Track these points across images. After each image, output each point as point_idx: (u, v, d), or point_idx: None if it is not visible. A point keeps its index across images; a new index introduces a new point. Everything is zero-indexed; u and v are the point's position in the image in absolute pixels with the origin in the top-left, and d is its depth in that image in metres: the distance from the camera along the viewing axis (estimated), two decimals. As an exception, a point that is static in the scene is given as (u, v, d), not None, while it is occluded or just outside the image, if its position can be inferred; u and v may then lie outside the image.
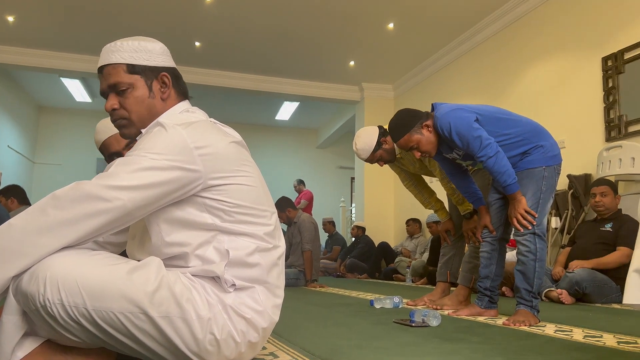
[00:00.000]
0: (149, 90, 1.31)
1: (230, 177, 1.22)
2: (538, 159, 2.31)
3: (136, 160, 1.13)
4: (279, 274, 1.31)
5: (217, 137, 1.24)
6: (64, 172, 9.63)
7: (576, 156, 4.34)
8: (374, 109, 7.97)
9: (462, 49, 6.21)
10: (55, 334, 1.08)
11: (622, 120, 3.95)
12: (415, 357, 1.46)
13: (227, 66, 7.21)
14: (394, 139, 2.47)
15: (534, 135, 2.37)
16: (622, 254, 3.20)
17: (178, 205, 1.19)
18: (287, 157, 11.28)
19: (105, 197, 1.08)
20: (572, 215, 4.14)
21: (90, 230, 1.09)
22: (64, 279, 1.04)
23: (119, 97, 1.30)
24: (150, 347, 1.11)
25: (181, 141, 1.17)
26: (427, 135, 2.39)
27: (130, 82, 1.29)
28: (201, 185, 1.18)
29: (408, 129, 2.40)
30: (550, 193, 2.31)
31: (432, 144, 2.40)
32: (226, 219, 1.20)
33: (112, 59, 1.29)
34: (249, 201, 1.24)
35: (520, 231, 2.24)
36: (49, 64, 6.75)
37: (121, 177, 1.11)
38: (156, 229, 1.20)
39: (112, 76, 1.28)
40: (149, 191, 1.12)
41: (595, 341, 1.74)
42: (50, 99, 9.53)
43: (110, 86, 1.29)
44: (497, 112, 2.42)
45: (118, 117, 1.31)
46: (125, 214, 1.11)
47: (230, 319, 1.18)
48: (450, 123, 2.27)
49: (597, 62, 4.24)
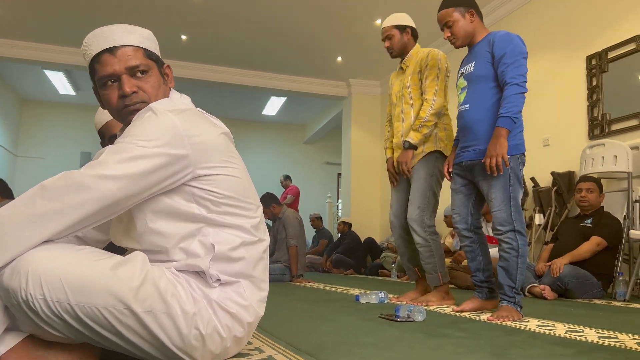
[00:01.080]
0: (161, 77, 1.32)
1: (219, 167, 1.21)
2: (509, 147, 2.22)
3: (127, 148, 1.11)
4: (264, 268, 1.31)
5: (208, 126, 1.23)
6: (47, 165, 9.50)
7: (560, 154, 4.40)
8: (361, 105, 7.99)
9: (448, 46, 6.23)
10: (37, 329, 1.07)
11: (606, 118, 4.00)
12: (400, 352, 1.47)
13: (214, 60, 7.16)
14: (442, 6, 2.43)
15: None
16: (592, 242, 3.26)
17: (166, 194, 1.18)
18: (273, 153, 11.26)
19: (95, 187, 1.06)
20: (556, 212, 4.19)
21: (78, 220, 1.06)
22: (46, 274, 1.02)
23: (134, 80, 1.25)
24: (134, 343, 1.10)
25: (172, 127, 1.15)
26: (467, 21, 2.38)
27: (148, 66, 1.28)
28: (190, 174, 1.17)
29: (456, 3, 2.38)
30: (519, 185, 2.25)
31: (465, 33, 2.40)
32: (213, 209, 1.20)
33: (131, 40, 1.26)
34: (236, 192, 1.23)
35: (487, 172, 2.19)
36: (32, 55, 6.64)
37: (111, 166, 1.09)
38: (141, 217, 1.18)
39: (133, 58, 1.25)
40: (139, 180, 1.11)
41: (577, 336, 1.77)
42: (34, 92, 9.38)
43: (130, 68, 1.24)
44: None
45: (138, 100, 1.25)
46: (114, 203, 1.09)
47: (216, 314, 1.17)
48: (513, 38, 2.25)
49: (581, 61, 4.29)
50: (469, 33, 2.40)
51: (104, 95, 1.27)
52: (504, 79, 2.21)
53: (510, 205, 2.22)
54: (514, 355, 1.44)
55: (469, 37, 2.42)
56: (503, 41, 2.26)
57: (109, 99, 1.26)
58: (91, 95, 9.20)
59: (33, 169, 9.50)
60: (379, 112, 8.06)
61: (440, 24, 2.45)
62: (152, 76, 1.28)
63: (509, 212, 2.21)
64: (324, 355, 1.38)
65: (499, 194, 2.23)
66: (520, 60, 2.21)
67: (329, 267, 6.92)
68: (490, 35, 2.35)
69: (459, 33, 2.40)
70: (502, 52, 2.24)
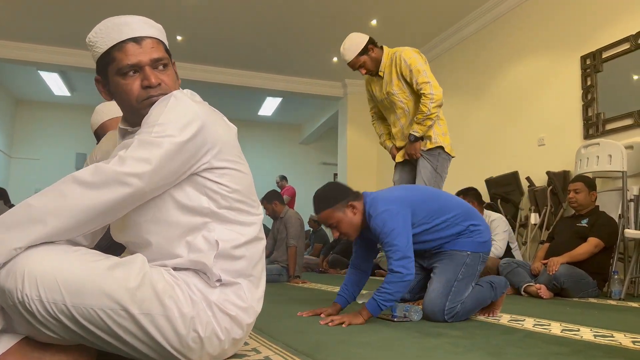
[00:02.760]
0: (175, 72, 1.32)
1: (232, 161, 1.23)
2: (467, 243, 2.19)
3: (155, 142, 1.12)
4: (262, 267, 1.32)
5: (222, 121, 1.26)
6: (42, 166, 9.46)
7: (555, 153, 4.42)
8: (357, 105, 7.99)
9: (443, 46, 6.25)
10: (33, 330, 1.06)
11: (600, 118, 4.02)
12: (397, 351, 1.47)
13: (210, 61, 7.15)
14: (316, 210, 2.21)
15: (467, 216, 2.24)
16: (590, 244, 3.27)
17: (178, 185, 1.18)
18: (270, 153, 11.25)
19: (126, 183, 1.08)
20: (551, 212, 4.21)
21: (106, 213, 1.08)
22: (42, 275, 1.01)
23: (156, 72, 1.24)
24: (131, 344, 1.09)
25: (196, 115, 1.17)
26: (349, 217, 2.15)
27: (169, 60, 1.29)
28: (207, 163, 1.18)
29: (332, 203, 2.15)
30: (468, 281, 2.15)
31: (354, 227, 2.18)
32: (222, 204, 1.20)
33: (154, 32, 1.26)
34: (243, 188, 1.25)
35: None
36: (27, 56, 6.61)
37: (140, 162, 1.09)
38: (149, 203, 1.18)
39: (156, 51, 1.24)
40: (166, 174, 1.12)
41: (573, 335, 1.78)
42: (28, 93, 9.34)
43: (154, 60, 1.23)
44: (429, 199, 2.24)
45: (161, 92, 1.23)
46: (142, 196, 1.12)
47: (215, 316, 1.17)
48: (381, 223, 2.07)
49: (576, 61, 4.30)
50: (356, 225, 2.19)
51: (122, 85, 1.23)
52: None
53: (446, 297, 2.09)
54: (510, 354, 1.45)
55: (358, 227, 2.20)
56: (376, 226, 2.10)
57: (129, 89, 1.22)
58: (86, 96, 9.18)
59: (28, 170, 9.46)
60: (374, 112, 8.07)
61: (326, 225, 2.24)
62: (171, 70, 1.29)
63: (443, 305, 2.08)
64: (321, 356, 1.38)
65: (441, 283, 2.13)
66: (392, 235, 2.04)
67: (326, 268, 6.92)
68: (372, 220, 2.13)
69: (347, 230, 2.18)
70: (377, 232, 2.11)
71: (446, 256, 2.20)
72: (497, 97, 5.26)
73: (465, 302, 2.12)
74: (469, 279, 2.16)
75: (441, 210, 2.21)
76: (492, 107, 5.35)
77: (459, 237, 2.21)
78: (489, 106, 5.41)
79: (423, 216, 2.18)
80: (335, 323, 1.98)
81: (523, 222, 4.59)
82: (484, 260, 2.24)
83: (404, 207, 2.13)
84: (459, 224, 2.22)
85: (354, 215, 2.17)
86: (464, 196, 4.20)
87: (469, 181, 5.00)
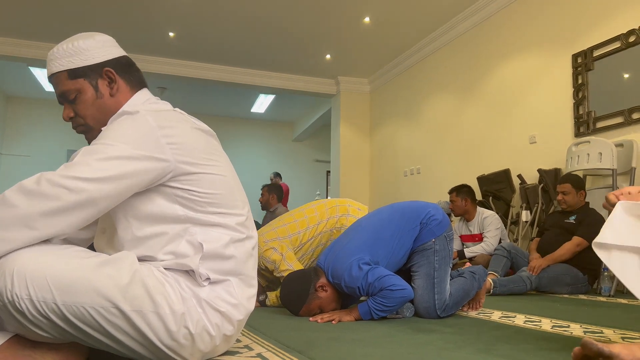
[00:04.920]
0: (95, 91, 1.27)
1: (200, 165, 1.20)
2: (427, 234, 2.19)
3: (103, 150, 1.10)
4: (253, 265, 1.31)
5: (185, 125, 1.22)
6: (32, 163, 9.38)
7: (546, 151, 4.44)
8: (350, 103, 7.99)
9: (436, 44, 6.26)
10: (23, 329, 1.06)
11: (591, 116, 4.05)
12: (389, 347, 1.48)
13: (202, 57, 7.11)
14: (294, 312, 2.15)
15: (416, 215, 2.23)
16: (572, 243, 3.30)
17: (148, 198, 1.17)
18: (263, 150, 11.23)
19: (70, 187, 1.05)
20: (542, 209, 4.24)
21: (56, 224, 1.05)
22: (32, 274, 1.01)
23: (71, 105, 1.27)
24: (123, 342, 1.09)
25: (148, 129, 1.14)
26: (325, 296, 2.11)
27: (75, 87, 1.26)
28: (170, 174, 1.16)
29: (304, 298, 2.08)
30: (446, 264, 2.17)
31: (335, 301, 2.15)
32: (198, 209, 1.19)
33: (52, 68, 1.26)
34: (220, 190, 1.22)
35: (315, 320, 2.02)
36: (18, 52, 6.54)
37: (87, 168, 1.08)
38: (125, 224, 1.17)
39: (58, 85, 1.26)
40: (116, 182, 1.09)
41: (563, 331, 1.80)
42: (19, 89, 9.25)
43: (60, 95, 1.27)
44: (371, 237, 2.18)
45: (77, 125, 1.29)
46: (91, 204, 1.08)
47: (205, 312, 1.17)
48: (354, 284, 2.03)
49: (567, 59, 4.33)
50: (335, 297, 2.15)
51: None
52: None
53: (432, 291, 2.11)
54: (500, 350, 1.46)
55: (338, 297, 2.17)
56: (354, 288, 2.04)
57: None
58: (77, 93, 9.10)
59: (18, 167, 9.37)
60: (367, 110, 8.07)
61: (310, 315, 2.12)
62: (83, 94, 1.27)
63: (433, 299, 2.11)
64: (313, 352, 1.39)
65: (421, 281, 2.14)
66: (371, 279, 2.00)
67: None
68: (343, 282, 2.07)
69: (332, 307, 2.15)
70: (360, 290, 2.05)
71: (416, 254, 2.20)
72: (489, 95, 5.29)
73: (452, 293, 2.15)
74: (445, 264, 2.18)
75: (390, 237, 2.17)
76: (483, 105, 5.38)
77: (419, 235, 2.19)
78: (480, 104, 5.43)
79: (381, 252, 2.13)
80: (325, 319, 1.98)
81: (514, 220, 4.62)
82: (450, 238, 2.24)
83: (365, 258, 2.08)
84: (411, 230, 2.19)
85: (327, 293, 2.11)
86: (457, 194, 4.23)
87: (461, 179, 5.03)
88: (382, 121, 7.68)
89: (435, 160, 6.20)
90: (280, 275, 2.47)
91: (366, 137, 8.04)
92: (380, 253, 2.13)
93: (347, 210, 2.72)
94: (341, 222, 2.68)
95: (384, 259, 2.13)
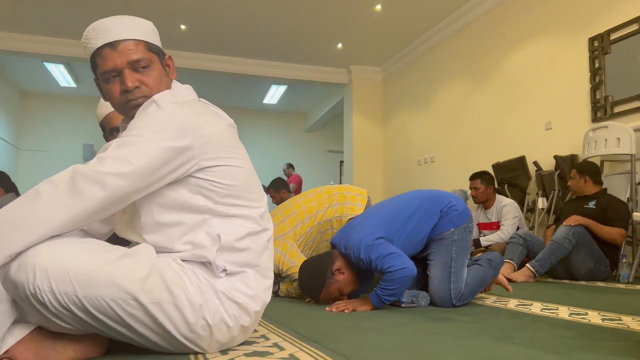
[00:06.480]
0: (164, 70, 1.31)
1: (224, 158, 1.21)
2: (447, 222, 2.18)
3: (134, 142, 1.12)
4: (269, 257, 1.32)
5: (212, 118, 1.24)
6: (50, 158, 9.52)
7: (563, 137, 4.38)
8: (362, 92, 7.95)
9: (449, 30, 6.19)
10: (45, 321, 1.08)
11: (608, 100, 3.98)
12: (405, 336, 1.48)
13: (214, 49, 7.12)
14: (314, 298, 2.20)
15: (436, 203, 2.23)
16: (618, 232, 3.24)
17: (171, 187, 1.18)
18: (275, 141, 11.24)
19: (104, 183, 1.07)
20: (559, 196, 4.19)
21: (85, 215, 1.07)
22: (53, 267, 1.03)
23: (136, 74, 1.24)
24: (142, 333, 1.11)
25: (177, 120, 1.15)
26: (343, 279, 2.12)
27: (151, 60, 1.27)
28: (195, 165, 1.17)
29: (322, 283, 2.10)
30: (463, 255, 2.17)
31: (353, 282, 2.16)
32: (219, 201, 1.20)
33: (132, 33, 1.24)
34: (240, 183, 1.24)
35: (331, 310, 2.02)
36: (32, 48, 6.62)
37: (118, 162, 1.09)
38: (147, 208, 1.19)
39: (134, 52, 1.23)
40: (146, 174, 1.11)
41: (581, 318, 1.78)
42: (34, 85, 9.36)
43: (131, 63, 1.23)
44: (389, 217, 2.19)
45: (140, 95, 1.24)
46: (122, 197, 1.11)
47: (222, 304, 1.18)
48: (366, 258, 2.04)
49: (583, 43, 4.25)
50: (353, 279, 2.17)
51: (106, 90, 1.27)
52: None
53: (448, 281, 2.11)
54: (517, 338, 1.45)
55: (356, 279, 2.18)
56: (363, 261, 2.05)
57: (111, 94, 1.26)
58: (92, 87, 9.18)
59: (36, 162, 9.52)
60: (380, 99, 8.03)
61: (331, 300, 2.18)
62: (154, 70, 1.27)
63: (448, 289, 2.10)
64: (329, 342, 1.40)
65: (438, 269, 2.14)
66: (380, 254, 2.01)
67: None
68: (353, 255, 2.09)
69: (351, 288, 2.17)
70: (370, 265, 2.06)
71: (434, 242, 2.20)
72: (504, 81, 5.22)
73: (468, 282, 2.14)
74: (462, 254, 2.17)
75: (408, 218, 2.18)
76: (498, 92, 5.31)
77: (438, 224, 2.20)
78: (495, 91, 5.36)
79: (396, 230, 2.14)
80: (339, 309, 1.99)
81: (530, 207, 4.57)
82: (469, 230, 2.24)
83: (378, 233, 2.08)
84: (431, 217, 2.20)
85: (344, 275, 2.12)
86: (481, 180, 4.15)
87: (476, 167, 4.98)
88: (394, 110, 7.63)
89: (449, 148, 6.15)
90: (286, 274, 2.47)
91: (379, 126, 8.00)
92: (395, 233, 2.14)
93: (346, 198, 2.72)
94: (340, 211, 2.68)
95: (399, 240, 2.14)
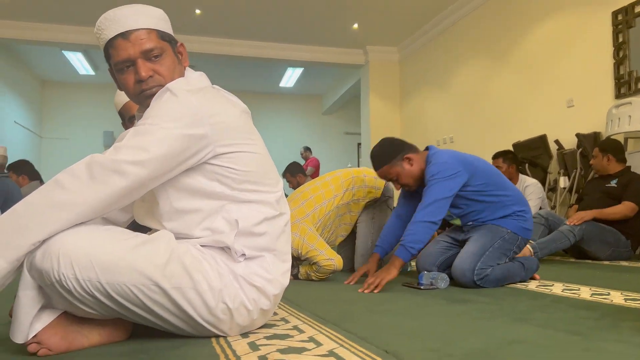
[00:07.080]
0: (177, 58, 1.31)
1: (239, 144, 1.22)
2: (510, 223, 2.22)
3: (150, 131, 1.13)
4: (286, 241, 1.33)
5: (226, 105, 1.24)
6: (71, 146, 9.69)
7: (585, 115, 4.29)
8: (379, 73, 7.87)
9: (466, 8, 6.06)
10: (71, 306, 1.11)
11: (632, 76, 3.87)
12: (423, 318, 1.49)
13: (229, 33, 7.11)
14: (375, 168, 2.32)
15: (517, 201, 2.27)
16: (626, 207, 3.20)
17: (188, 174, 1.20)
18: (292, 125, 11.24)
19: (122, 171, 1.09)
20: (581, 175, 4.11)
21: (105, 204, 1.10)
22: (76, 254, 1.05)
23: (150, 63, 1.25)
24: (164, 318, 1.14)
25: (192, 108, 1.16)
26: (407, 169, 2.24)
27: (164, 48, 1.27)
28: (211, 152, 1.18)
29: (388, 160, 2.24)
30: (502, 254, 2.17)
31: (413, 178, 2.26)
32: (235, 187, 1.22)
33: (143, 22, 1.25)
34: (256, 168, 1.25)
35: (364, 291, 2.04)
36: (51, 37, 6.70)
37: (136, 150, 1.11)
38: (164, 196, 1.21)
39: (147, 41, 1.24)
40: (163, 162, 1.13)
41: (603, 299, 1.76)
42: (54, 73, 9.49)
43: (144, 52, 1.24)
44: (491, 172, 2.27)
45: (154, 84, 1.25)
46: (141, 186, 1.13)
47: (242, 288, 1.20)
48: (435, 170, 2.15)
49: (607, 17, 4.13)
50: (415, 175, 2.26)
51: (121, 80, 1.28)
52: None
53: (478, 258, 2.11)
54: (537, 319, 1.44)
55: (417, 177, 2.27)
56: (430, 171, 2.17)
57: (126, 84, 1.27)
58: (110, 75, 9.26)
59: (58, 149, 9.69)
60: (397, 80, 7.94)
61: (386, 180, 2.34)
62: (167, 58, 1.27)
63: (474, 265, 2.09)
64: (348, 324, 1.41)
65: (477, 244, 2.15)
66: (435, 185, 2.11)
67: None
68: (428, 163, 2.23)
69: (407, 181, 2.26)
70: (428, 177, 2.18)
71: (486, 228, 2.22)
72: (524, 58, 5.11)
73: (495, 268, 2.13)
74: (501, 253, 2.17)
75: (497, 185, 2.24)
76: (518, 69, 5.20)
77: (502, 218, 2.22)
78: (515, 68, 5.26)
79: (480, 183, 2.20)
80: (370, 289, 2.02)
81: (552, 186, 4.51)
82: (520, 246, 2.24)
83: (463, 167, 2.17)
84: (506, 207, 2.23)
85: (411, 167, 2.24)
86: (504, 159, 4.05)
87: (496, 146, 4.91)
88: (412, 90, 7.55)
89: (469, 128, 6.08)
90: (305, 258, 2.47)
91: (396, 107, 7.93)
92: (475, 183, 2.19)
93: (364, 181, 2.74)
94: (358, 195, 2.70)
95: (472, 187, 2.18)
